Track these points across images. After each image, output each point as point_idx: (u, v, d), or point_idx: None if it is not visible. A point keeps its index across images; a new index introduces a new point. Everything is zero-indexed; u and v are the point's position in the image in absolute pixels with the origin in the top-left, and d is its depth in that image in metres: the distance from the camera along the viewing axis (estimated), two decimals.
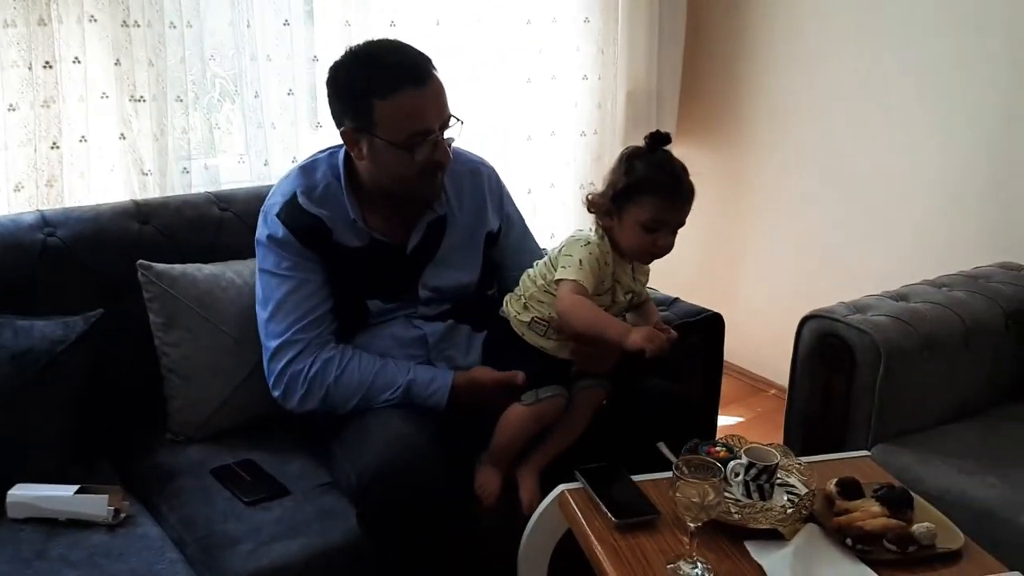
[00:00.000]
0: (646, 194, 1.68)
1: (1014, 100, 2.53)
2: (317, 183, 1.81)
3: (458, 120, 1.75)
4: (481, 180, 1.96)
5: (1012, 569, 1.40)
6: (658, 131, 1.75)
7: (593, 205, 1.74)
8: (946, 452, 1.94)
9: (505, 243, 2.00)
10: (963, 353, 2.08)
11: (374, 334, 1.84)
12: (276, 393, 1.79)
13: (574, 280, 1.68)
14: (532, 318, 1.78)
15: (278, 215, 1.79)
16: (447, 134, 1.75)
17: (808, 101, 3.05)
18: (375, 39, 1.80)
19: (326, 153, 1.87)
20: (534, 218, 3.05)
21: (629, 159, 1.73)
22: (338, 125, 1.76)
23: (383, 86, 1.67)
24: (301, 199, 1.78)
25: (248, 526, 1.63)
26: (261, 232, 1.82)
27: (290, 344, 1.76)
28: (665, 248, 1.73)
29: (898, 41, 2.76)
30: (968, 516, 1.68)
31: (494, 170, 2.02)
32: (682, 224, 1.74)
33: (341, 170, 1.80)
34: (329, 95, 1.77)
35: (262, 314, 1.81)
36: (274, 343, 1.77)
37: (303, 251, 1.78)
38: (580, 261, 1.70)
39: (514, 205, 2.05)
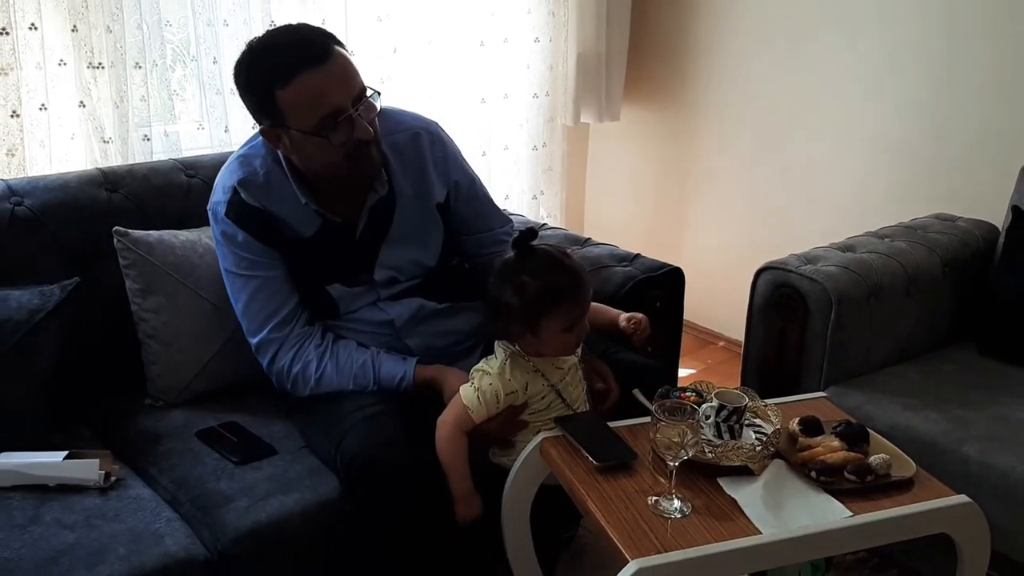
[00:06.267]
0: (552, 304, 1.62)
1: (945, 61, 2.65)
2: (257, 172, 1.74)
3: (374, 91, 1.67)
4: (421, 145, 1.83)
5: (957, 493, 1.52)
6: (523, 230, 1.66)
7: (505, 336, 1.69)
8: (892, 392, 2.07)
9: (456, 210, 1.89)
10: (905, 300, 2.21)
11: (344, 323, 1.84)
12: (273, 381, 1.82)
13: (465, 405, 1.65)
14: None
15: (227, 215, 1.74)
16: (375, 104, 1.66)
17: (753, 61, 3.13)
18: (272, 28, 1.69)
19: (261, 138, 1.76)
20: (489, 180, 3.10)
21: (511, 276, 1.63)
22: (258, 123, 1.70)
23: (280, 75, 1.59)
24: (243, 193, 1.72)
25: (241, 484, 1.66)
26: (215, 232, 1.78)
27: (268, 343, 1.77)
28: (585, 332, 1.69)
29: (835, 2, 2.86)
30: (914, 449, 1.80)
31: (438, 130, 1.88)
32: (590, 303, 1.70)
33: (280, 155, 1.72)
34: (240, 96, 1.69)
35: (236, 311, 1.80)
36: (253, 340, 1.79)
37: (261, 248, 1.74)
38: (478, 392, 1.65)
39: (463, 168, 1.91)
